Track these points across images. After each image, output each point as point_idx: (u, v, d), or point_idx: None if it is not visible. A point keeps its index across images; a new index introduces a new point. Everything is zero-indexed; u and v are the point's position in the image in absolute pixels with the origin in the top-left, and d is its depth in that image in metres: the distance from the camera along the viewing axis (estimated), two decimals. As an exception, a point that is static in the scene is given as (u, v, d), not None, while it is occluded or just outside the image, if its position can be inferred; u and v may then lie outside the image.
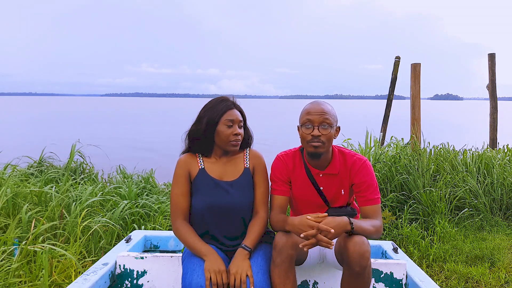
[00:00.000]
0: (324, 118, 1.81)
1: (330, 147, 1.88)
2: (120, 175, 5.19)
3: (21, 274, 2.42)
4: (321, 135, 1.80)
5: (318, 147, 1.81)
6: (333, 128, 1.84)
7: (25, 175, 4.49)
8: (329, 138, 1.83)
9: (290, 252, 1.67)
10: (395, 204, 4.13)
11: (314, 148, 1.82)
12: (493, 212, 4.31)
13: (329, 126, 1.82)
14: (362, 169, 1.88)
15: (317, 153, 1.83)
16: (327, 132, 1.81)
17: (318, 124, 1.81)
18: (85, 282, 1.75)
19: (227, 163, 1.93)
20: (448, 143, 5.59)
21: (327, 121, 1.81)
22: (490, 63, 6.52)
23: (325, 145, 1.82)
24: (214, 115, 1.85)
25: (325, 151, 1.84)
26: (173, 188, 1.88)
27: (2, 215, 3.16)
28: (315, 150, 1.82)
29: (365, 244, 1.61)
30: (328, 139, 1.82)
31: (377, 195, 1.87)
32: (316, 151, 1.82)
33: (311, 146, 1.82)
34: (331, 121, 1.82)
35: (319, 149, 1.82)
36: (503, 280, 2.91)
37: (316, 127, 1.81)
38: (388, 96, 6.33)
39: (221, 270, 1.66)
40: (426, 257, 3.27)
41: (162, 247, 2.49)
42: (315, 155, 1.85)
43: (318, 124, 1.81)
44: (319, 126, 1.81)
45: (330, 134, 1.82)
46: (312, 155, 1.87)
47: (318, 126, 1.81)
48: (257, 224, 1.85)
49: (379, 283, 1.99)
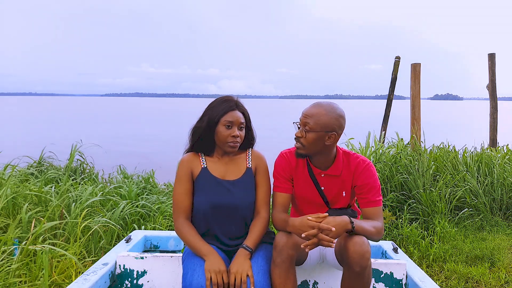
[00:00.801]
0: (305, 121, 1.78)
1: (313, 150, 1.82)
2: (120, 175, 5.19)
3: (21, 274, 2.42)
4: (301, 137, 1.80)
5: (298, 148, 1.83)
6: (315, 133, 1.75)
7: (25, 175, 4.49)
8: (310, 142, 1.77)
9: (291, 252, 1.67)
10: (395, 204, 4.12)
11: (296, 148, 1.84)
12: (493, 212, 4.31)
13: (310, 130, 1.76)
14: (365, 171, 1.87)
15: (297, 153, 1.85)
16: (305, 136, 1.78)
17: (301, 126, 1.81)
18: (85, 282, 1.75)
19: (229, 162, 1.94)
20: (448, 143, 5.60)
21: (308, 125, 1.77)
22: (490, 63, 6.52)
23: (305, 148, 1.80)
24: (214, 115, 1.85)
25: (306, 153, 1.83)
26: (176, 187, 1.88)
27: (2, 215, 3.16)
28: (296, 151, 1.85)
29: (365, 244, 1.61)
30: (308, 143, 1.78)
31: (379, 197, 1.86)
32: (297, 152, 1.84)
33: (295, 145, 1.85)
34: (311, 126, 1.76)
35: (299, 150, 1.83)
36: (503, 280, 2.91)
37: (299, 128, 1.82)
38: (388, 96, 6.33)
39: (222, 270, 1.66)
40: (426, 257, 3.27)
41: (162, 247, 2.49)
42: (297, 154, 1.86)
43: (301, 125, 1.81)
44: (301, 128, 1.81)
45: (309, 139, 1.77)
46: (295, 154, 1.88)
47: (300, 128, 1.81)
48: (258, 224, 1.85)
49: (379, 283, 1.99)
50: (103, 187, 4.08)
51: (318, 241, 1.59)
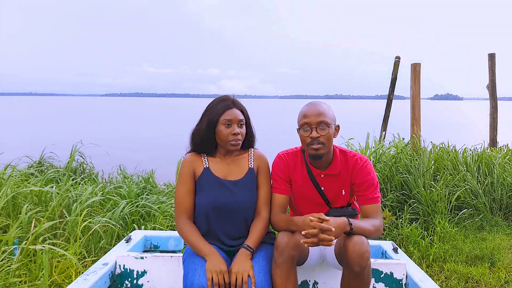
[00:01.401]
0: (321, 119, 1.81)
1: (331, 147, 1.88)
2: (120, 175, 5.19)
3: (21, 274, 2.42)
4: (320, 136, 1.80)
5: (318, 149, 1.81)
6: (331, 127, 1.83)
7: (25, 175, 4.49)
8: (329, 138, 1.82)
9: (292, 252, 1.68)
10: (395, 204, 4.13)
11: (315, 151, 1.82)
12: (493, 212, 4.31)
13: (327, 126, 1.81)
14: (363, 168, 1.89)
15: (318, 155, 1.84)
16: (326, 133, 1.81)
17: (315, 126, 1.81)
18: (85, 282, 1.75)
19: (231, 162, 1.94)
20: (449, 143, 5.59)
21: (324, 121, 1.81)
22: (490, 63, 6.52)
23: (325, 146, 1.82)
24: (213, 115, 1.86)
25: (326, 152, 1.84)
26: (178, 187, 1.89)
27: (3, 215, 3.16)
28: (316, 152, 1.82)
29: (365, 244, 1.62)
30: (328, 139, 1.82)
31: (377, 194, 1.88)
32: (317, 153, 1.83)
33: (311, 148, 1.82)
34: (328, 121, 1.82)
35: (320, 151, 1.82)
36: (503, 280, 2.91)
37: (314, 129, 1.81)
38: (388, 96, 6.33)
39: (223, 270, 1.66)
40: (426, 257, 3.27)
41: (162, 247, 2.49)
42: (317, 156, 1.85)
43: (316, 125, 1.81)
44: (316, 127, 1.81)
45: (329, 134, 1.82)
46: (313, 157, 1.87)
47: (316, 128, 1.81)
48: (259, 224, 1.85)
49: (379, 283, 1.99)
50: (103, 187, 4.09)
51: (318, 240, 1.59)
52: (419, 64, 5.76)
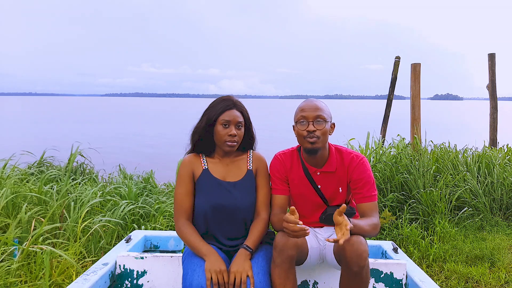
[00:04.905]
0: (318, 113, 1.84)
1: (326, 142, 1.90)
2: (120, 176, 5.20)
3: (21, 274, 2.43)
4: (316, 130, 1.83)
5: (314, 142, 1.83)
6: (327, 123, 1.86)
7: (25, 175, 4.49)
8: (324, 133, 1.85)
9: (291, 252, 1.67)
10: (395, 204, 4.12)
11: (311, 144, 1.84)
12: (493, 212, 4.31)
13: (324, 121, 1.85)
14: (360, 166, 1.90)
15: (313, 148, 1.85)
16: (322, 127, 1.84)
17: (312, 120, 1.84)
18: (85, 282, 1.75)
19: (230, 164, 1.94)
20: (449, 143, 5.60)
21: (321, 116, 1.84)
22: (490, 63, 6.52)
23: (320, 140, 1.84)
24: (212, 114, 1.87)
25: (321, 146, 1.86)
26: (177, 188, 1.89)
27: (2, 215, 3.16)
28: (312, 146, 1.84)
29: (363, 244, 1.62)
30: (323, 134, 1.85)
31: (374, 192, 1.88)
32: (313, 147, 1.84)
33: (307, 142, 1.84)
34: (325, 117, 1.85)
35: (316, 145, 1.84)
36: (503, 280, 2.91)
37: (311, 123, 1.84)
38: (388, 96, 6.33)
39: (222, 270, 1.66)
40: (426, 257, 3.27)
41: (162, 247, 2.49)
42: (312, 151, 1.86)
43: (313, 119, 1.84)
44: (313, 121, 1.84)
45: (325, 130, 1.85)
46: (309, 151, 1.88)
47: (312, 122, 1.84)
48: (258, 225, 1.85)
49: (379, 283, 1.99)
50: (103, 187, 4.09)
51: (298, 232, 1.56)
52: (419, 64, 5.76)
